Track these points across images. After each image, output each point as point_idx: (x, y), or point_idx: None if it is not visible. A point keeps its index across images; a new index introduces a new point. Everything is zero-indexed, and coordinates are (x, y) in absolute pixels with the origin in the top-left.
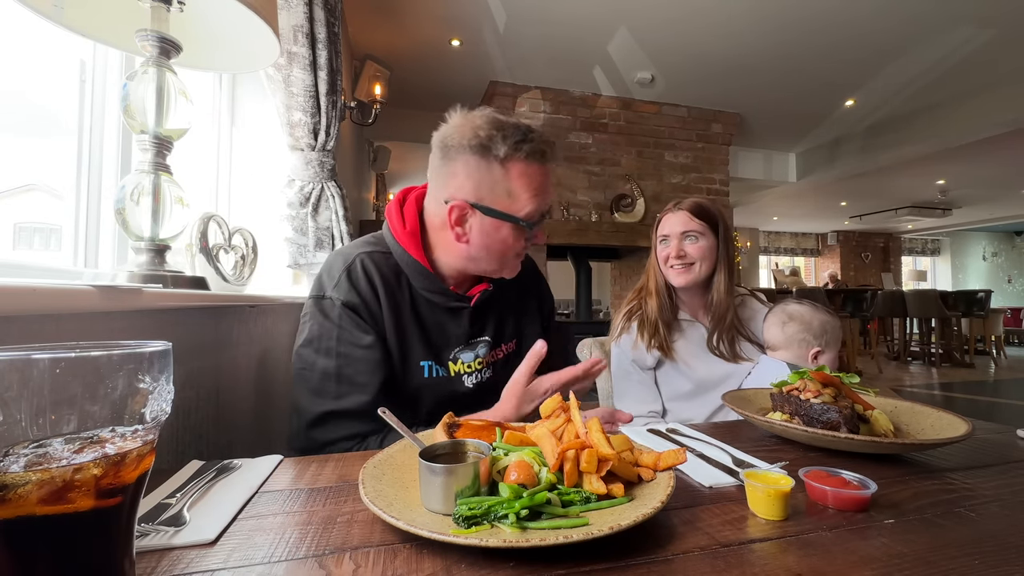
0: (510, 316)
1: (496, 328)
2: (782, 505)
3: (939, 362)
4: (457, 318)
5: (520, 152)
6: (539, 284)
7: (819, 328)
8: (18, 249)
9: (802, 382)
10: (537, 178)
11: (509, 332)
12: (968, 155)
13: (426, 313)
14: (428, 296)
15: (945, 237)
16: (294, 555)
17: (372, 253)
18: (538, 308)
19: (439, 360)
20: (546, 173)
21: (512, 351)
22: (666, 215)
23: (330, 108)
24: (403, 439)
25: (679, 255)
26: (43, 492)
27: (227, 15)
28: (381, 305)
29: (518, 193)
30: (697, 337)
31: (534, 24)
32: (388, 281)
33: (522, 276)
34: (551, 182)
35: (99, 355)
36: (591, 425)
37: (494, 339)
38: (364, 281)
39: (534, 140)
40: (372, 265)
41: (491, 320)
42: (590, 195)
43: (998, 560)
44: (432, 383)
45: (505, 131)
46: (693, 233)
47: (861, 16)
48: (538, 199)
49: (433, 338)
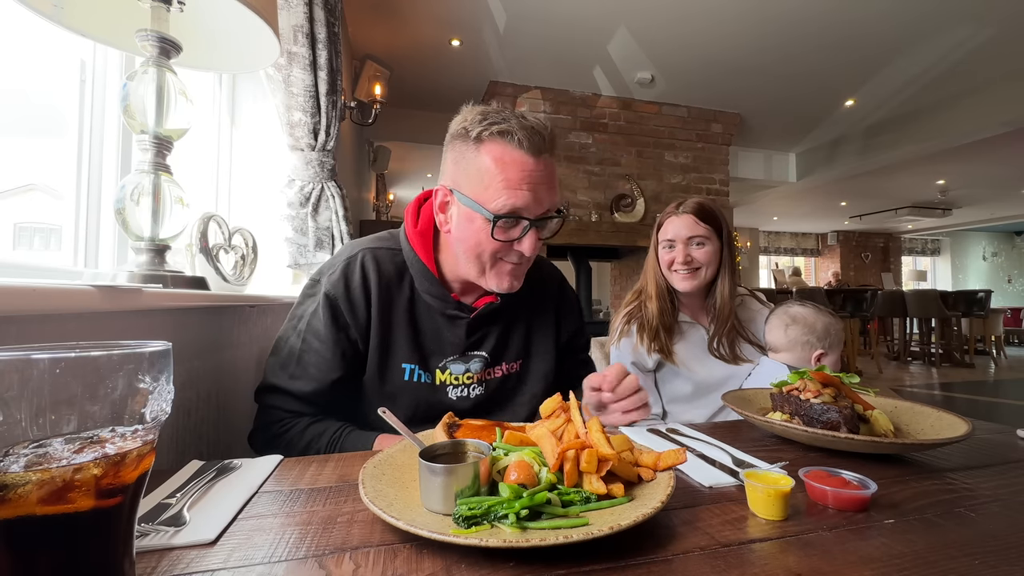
0: (516, 335)
1: (496, 345)
2: (782, 505)
3: (939, 362)
4: (454, 327)
5: (492, 130)
6: (562, 301)
7: (823, 331)
8: (18, 249)
9: (802, 382)
10: (514, 167)
11: (513, 352)
12: (968, 155)
13: (423, 316)
14: (428, 299)
15: (945, 237)
16: (294, 555)
17: (378, 249)
18: (555, 328)
19: (425, 365)
20: (528, 164)
21: (514, 372)
22: (669, 218)
23: (330, 108)
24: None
25: (686, 261)
26: (43, 492)
27: (227, 15)
28: (370, 303)
29: (489, 180)
30: (697, 339)
31: (534, 24)
32: (387, 278)
33: (541, 291)
34: (540, 179)
35: (99, 355)
36: (591, 425)
37: (492, 356)
38: (358, 278)
39: (511, 120)
40: (372, 262)
41: (492, 336)
42: (590, 195)
43: (998, 560)
44: (411, 387)
45: (489, 115)
46: (699, 238)
47: (861, 16)
48: (513, 192)
49: (423, 342)
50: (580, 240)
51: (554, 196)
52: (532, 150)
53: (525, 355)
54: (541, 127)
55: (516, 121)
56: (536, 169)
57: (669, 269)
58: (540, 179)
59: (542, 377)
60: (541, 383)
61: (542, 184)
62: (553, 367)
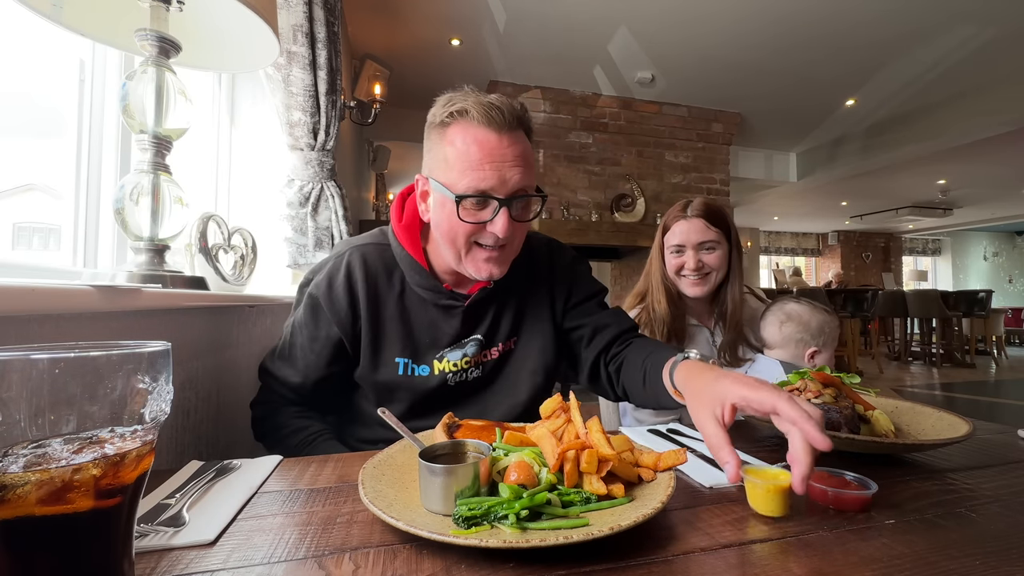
0: (509, 313)
1: (491, 327)
2: (781, 501)
3: (940, 362)
4: (449, 316)
5: (451, 110)
6: (551, 269)
7: (817, 328)
8: (18, 249)
9: (803, 382)
10: (475, 145)
11: (505, 331)
12: (968, 155)
13: (415, 309)
14: (420, 292)
15: (946, 237)
16: (294, 556)
17: (367, 246)
18: (549, 299)
19: (418, 359)
20: (491, 141)
21: (509, 350)
22: (678, 222)
23: (330, 108)
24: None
25: (697, 267)
26: (42, 492)
27: (227, 15)
28: (356, 301)
29: (453, 161)
30: (703, 341)
31: (534, 23)
32: (375, 276)
33: (533, 266)
34: (505, 156)
35: (98, 355)
36: (591, 425)
37: (486, 338)
38: (342, 277)
39: (469, 99)
40: (360, 260)
41: (486, 318)
42: (590, 195)
43: (999, 561)
44: (405, 381)
45: (452, 99)
46: (710, 243)
47: (862, 16)
48: (474, 171)
49: (417, 335)
50: (580, 240)
51: (526, 175)
52: (493, 127)
53: (518, 332)
54: (503, 103)
55: (474, 99)
56: (499, 146)
57: (677, 274)
58: (504, 156)
59: (539, 351)
60: (539, 358)
61: (507, 162)
62: (551, 341)
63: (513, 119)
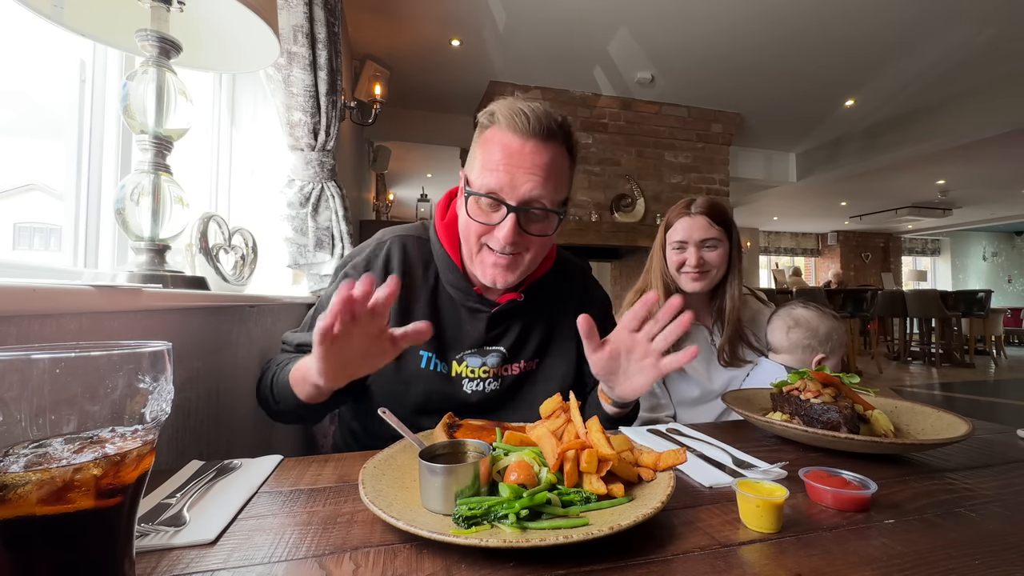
0: (536, 332)
1: (516, 341)
2: (774, 517)
3: (939, 362)
4: (475, 320)
5: (489, 112)
6: (584, 299)
7: (825, 335)
8: (18, 249)
9: (802, 382)
10: (496, 146)
11: (531, 349)
12: (968, 155)
13: (445, 306)
14: (451, 291)
15: (945, 237)
16: (294, 555)
17: (408, 237)
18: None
19: (442, 355)
20: (512, 145)
21: (530, 371)
22: (681, 219)
23: (330, 108)
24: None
25: (698, 264)
26: (43, 492)
27: (227, 15)
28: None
29: (478, 159)
30: (701, 340)
31: (534, 24)
32: (412, 266)
33: (566, 289)
34: (522, 161)
35: (99, 355)
36: (591, 425)
37: (510, 352)
38: (381, 263)
39: (503, 104)
40: (399, 249)
41: (512, 332)
42: (590, 195)
43: (998, 560)
44: (426, 375)
45: (494, 104)
46: (712, 240)
47: (862, 16)
48: (489, 171)
49: (443, 332)
50: (580, 240)
51: (543, 186)
52: (518, 132)
53: (543, 354)
54: (534, 111)
55: (508, 104)
56: (519, 152)
57: (677, 271)
58: (521, 162)
59: (560, 377)
60: (558, 383)
61: (522, 168)
62: (573, 368)
63: (541, 128)
